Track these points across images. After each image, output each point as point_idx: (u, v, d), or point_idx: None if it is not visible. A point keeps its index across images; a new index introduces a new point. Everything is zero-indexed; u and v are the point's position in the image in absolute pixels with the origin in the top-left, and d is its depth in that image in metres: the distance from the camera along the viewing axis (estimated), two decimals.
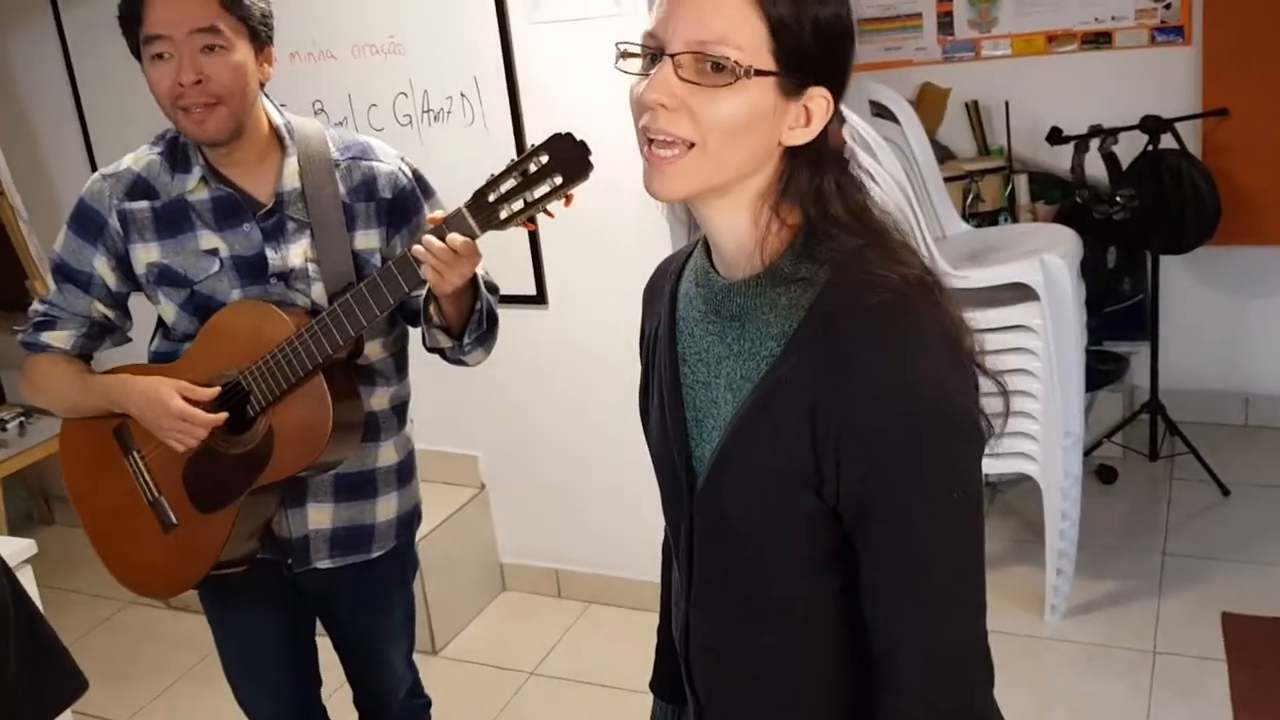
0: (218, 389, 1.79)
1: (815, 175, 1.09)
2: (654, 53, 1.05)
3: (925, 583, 1.07)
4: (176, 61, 1.70)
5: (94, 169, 3.71)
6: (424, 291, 1.83)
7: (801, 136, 1.08)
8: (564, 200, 1.55)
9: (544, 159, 1.53)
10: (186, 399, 1.77)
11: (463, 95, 3.16)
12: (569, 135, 1.51)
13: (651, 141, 1.06)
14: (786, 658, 1.19)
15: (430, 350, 1.93)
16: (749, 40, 1.02)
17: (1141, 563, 3.32)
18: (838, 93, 1.09)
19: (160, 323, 1.94)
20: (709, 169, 1.06)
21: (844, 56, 1.08)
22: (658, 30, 1.05)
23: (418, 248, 1.64)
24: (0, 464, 3.63)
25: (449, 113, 3.19)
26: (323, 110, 3.33)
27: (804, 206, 1.10)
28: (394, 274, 1.70)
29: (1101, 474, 3.76)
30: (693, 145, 1.04)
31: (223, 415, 1.78)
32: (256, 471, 1.81)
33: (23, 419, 4.00)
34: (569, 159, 1.51)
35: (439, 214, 1.67)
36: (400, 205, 1.90)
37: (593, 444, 3.28)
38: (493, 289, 1.88)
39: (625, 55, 1.08)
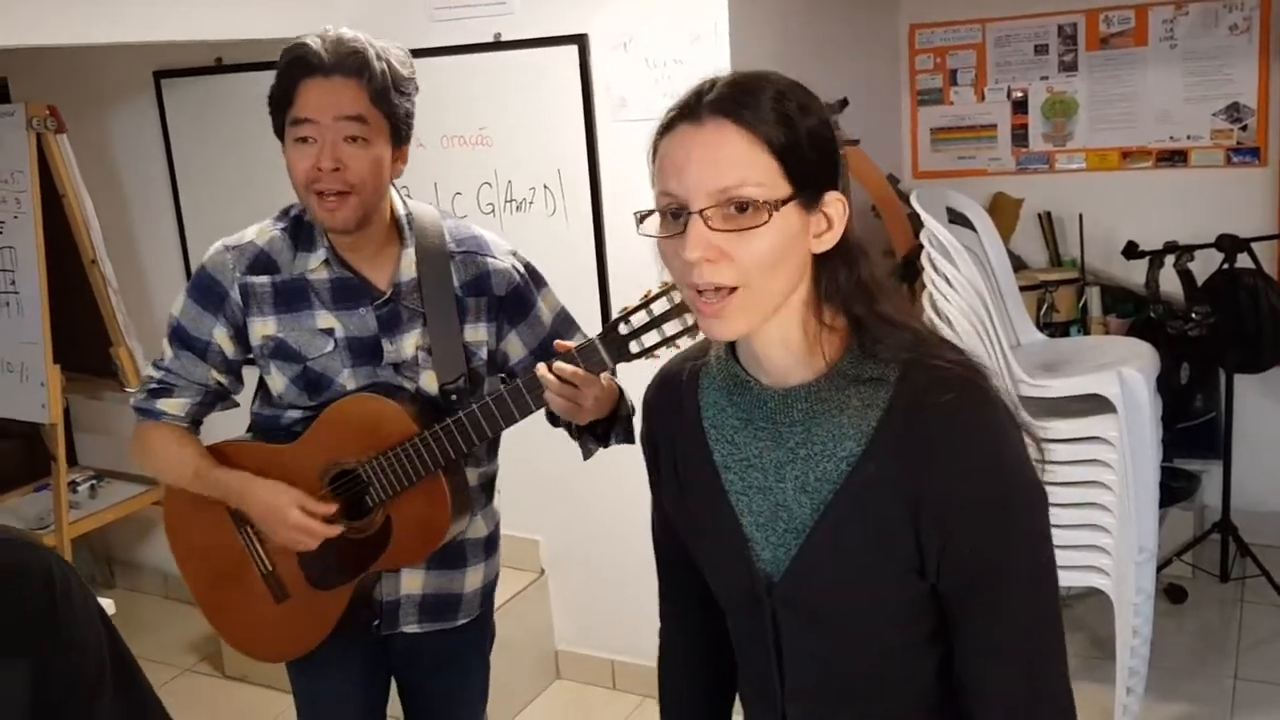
0: (335, 506, 1.85)
1: (853, 271, 1.15)
2: (673, 210, 1.10)
3: (1028, 645, 1.16)
4: (319, 147, 1.74)
5: (184, 244, 3.85)
6: None
7: (828, 241, 1.14)
8: (693, 337, 1.57)
9: (677, 296, 1.55)
10: (304, 509, 1.82)
11: (545, 187, 3.24)
12: None
13: (700, 293, 1.10)
14: None
15: (559, 426, 1.96)
16: (764, 174, 1.08)
17: (1213, 686, 3.24)
18: (844, 191, 1.16)
19: (262, 387, 1.98)
20: (759, 301, 1.11)
21: (837, 157, 1.15)
22: (671, 189, 1.10)
23: (550, 397, 1.69)
24: (71, 525, 3.68)
25: (531, 203, 3.27)
26: (408, 197, 3.41)
27: (847, 306, 1.15)
28: (522, 392, 1.75)
29: (1171, 593, 3.69)
30: (739, 285, 1.09)
31: (338, 529, 1.84)
32: (372, 557, 1.87)
33: (94, 482, 4.07)
34: None
35: (570, 344, 1.71)
36: (515, 302, 1.94)
37: None
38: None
39: (643, 218, 1.14)
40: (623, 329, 1.63)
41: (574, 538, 3.48)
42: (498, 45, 3.18)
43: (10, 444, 4.29)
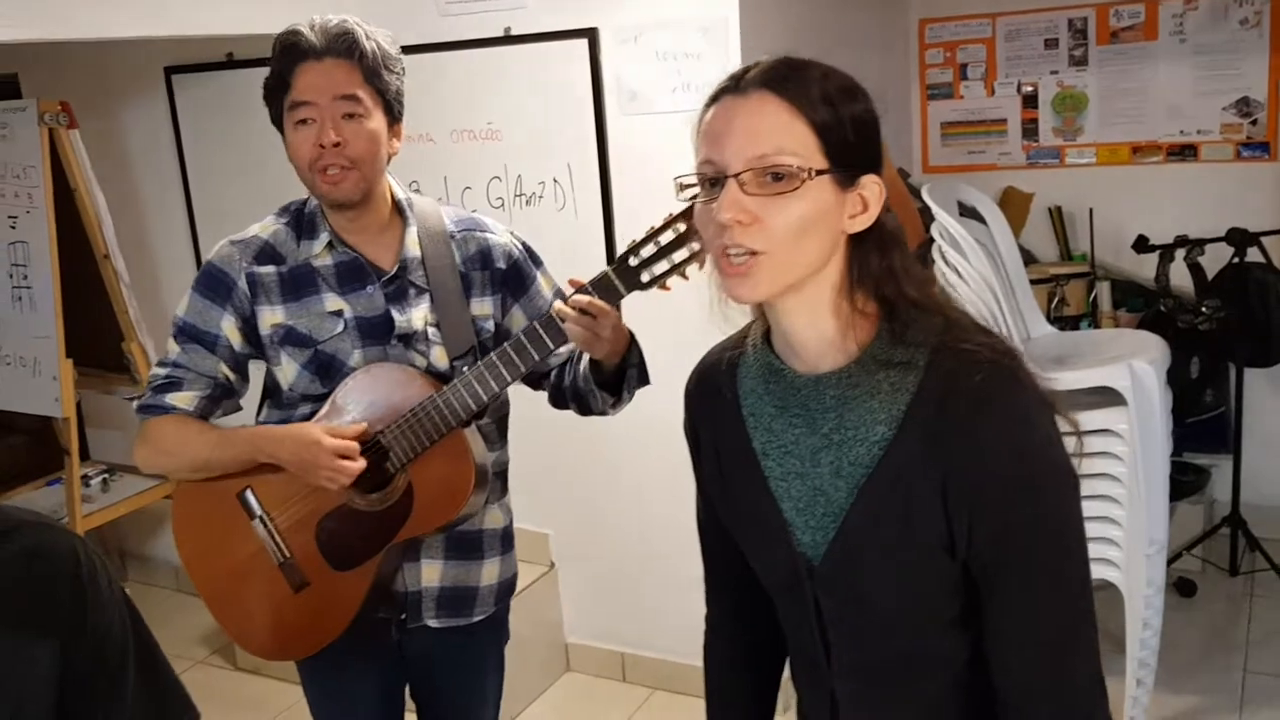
0: (363, 426, 1.84)
1: (884, 257, 1.18)
2: (712, 178, 1.13)
3: (1054, 625, 1.16)
4: (319, 126, 1.79)
5: (195, 239, 3.87)
6: (565, 354, 1.93)
7: (862, 223, 1.17)
8: (699, 263, 1.62)
9: (682, 226, 1.63)
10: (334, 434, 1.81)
11: (555, 181, 3.25)
12: None
13: (726, 255, 1.13)
14: (945, 701, 1.26)
15: (565, 405, 1.99)
16: (801, 145, 1.11)
17: (1222, 679, 3.24)
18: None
19: (267, 394, 1.99)
20: (784, 267, 1.13)
21: (879, 145, 1.19)
22: (712, 156, 1.13)
23: (568, 329, 1.72)
24: (83, 518, 3.70)
25: (540, 197, 3.28)
26: (418, 190, 3.42)
27: (878, 291, 1.18)
28: (538, 332, 1.79)
29: (1180, 587, 3.69)
30: (764, 251, 1.12)
31: (362, 463, 1.81)
32: (395, 527, 1.86)
33: (106, 475, 4.09)
34: None
35: (580, 279, 1.75)
36: (515, 274, 1.98)
37: (665, 527, 3.28)
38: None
39: (684, 187, 1.17)
40: (632, 261, 1.70)
41: (584, 531, 3.48)
42: (508, 39, 3.18)
43: (23, 438, 4.31)
